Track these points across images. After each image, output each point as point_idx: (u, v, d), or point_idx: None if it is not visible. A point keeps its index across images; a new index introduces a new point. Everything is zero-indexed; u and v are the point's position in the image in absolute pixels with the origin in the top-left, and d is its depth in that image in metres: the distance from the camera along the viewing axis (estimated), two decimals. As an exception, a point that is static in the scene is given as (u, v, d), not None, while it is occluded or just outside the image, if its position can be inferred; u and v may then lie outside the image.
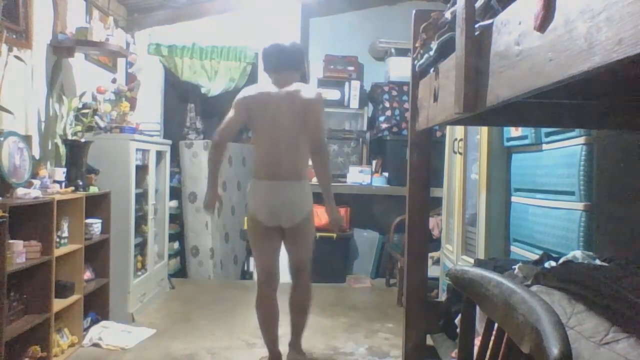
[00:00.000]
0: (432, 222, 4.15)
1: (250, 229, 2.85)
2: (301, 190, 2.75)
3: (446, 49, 1.51)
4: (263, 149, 2.78)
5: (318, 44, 5.36)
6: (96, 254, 3.41)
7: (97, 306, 3.41)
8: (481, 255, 2.76)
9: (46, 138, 3.26)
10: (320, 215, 4.84)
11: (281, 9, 4.86)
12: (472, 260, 2.69)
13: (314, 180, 3.00)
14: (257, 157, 2.82)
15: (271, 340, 2.85)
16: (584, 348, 1.22)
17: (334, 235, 4.85)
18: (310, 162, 2.79)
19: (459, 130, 3.27)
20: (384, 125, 4.94)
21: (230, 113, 2.80)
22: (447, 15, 1.48)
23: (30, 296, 2.73)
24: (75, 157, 3.23)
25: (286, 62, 2.82)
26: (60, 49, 3.40)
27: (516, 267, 1.85)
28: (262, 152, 2.78)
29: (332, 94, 5.09)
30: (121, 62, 4.43)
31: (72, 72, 3.65)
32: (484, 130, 2.83)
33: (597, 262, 1.71)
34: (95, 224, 3.30)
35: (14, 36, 2.95)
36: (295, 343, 2.92)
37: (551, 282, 1.50)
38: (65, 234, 3.00)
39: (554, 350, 0.72)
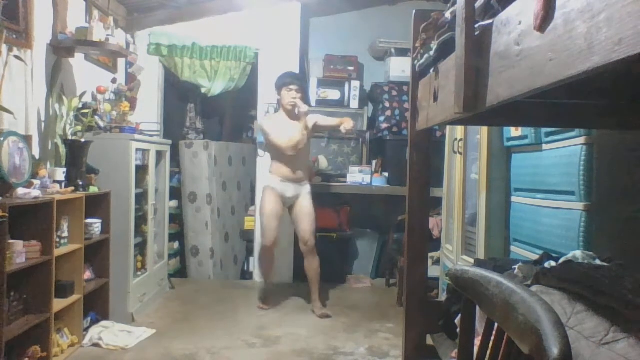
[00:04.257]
0: (432, 222, 4.14)
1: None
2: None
3: (446, 49, 1.51)
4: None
5: (318, 44, 5.35)
6: (96, 254, 3.40)
7: (97, 306, 3.41)
8: (481, 255, 2.76)
9: (46, 138, 3.26)
10: (323, 216, 4.85)
11: (281, 9, 4.86)
12: (472, 260, 2.69)
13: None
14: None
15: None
16: (584, 348, 1.22)
17: (334, 235, 4.86)
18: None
19: (459, 130, 3.27)
20: (384, 125, 4.93)
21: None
22: (447, 15, 1.49)
23: (30, 296, 2.73)
24: (75, 157, 3.22)
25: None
26: (60, 49, 3.39)
27: (516, 267, 1.85)
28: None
29: (332, 94, 5.08)
30: (121, 62, 4.42)
31: (72, 72, 3.65)
32: (484, 130, 2.82)
33: (597, 262, 1.71)
34: (95, 224, 3.29)
35: (14, 36, 2.95)
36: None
37: (551, 282, 1.50)
38: (65, 234, 3.00)
39: (554, 350, 0.72)
